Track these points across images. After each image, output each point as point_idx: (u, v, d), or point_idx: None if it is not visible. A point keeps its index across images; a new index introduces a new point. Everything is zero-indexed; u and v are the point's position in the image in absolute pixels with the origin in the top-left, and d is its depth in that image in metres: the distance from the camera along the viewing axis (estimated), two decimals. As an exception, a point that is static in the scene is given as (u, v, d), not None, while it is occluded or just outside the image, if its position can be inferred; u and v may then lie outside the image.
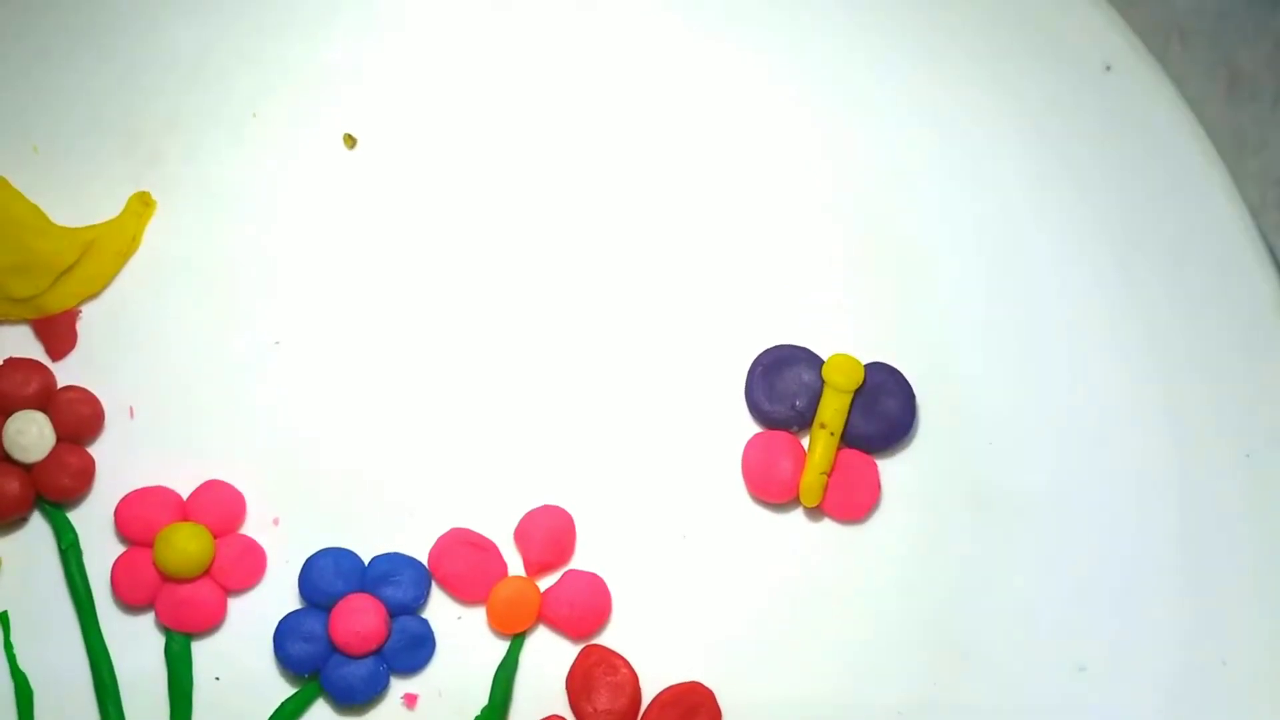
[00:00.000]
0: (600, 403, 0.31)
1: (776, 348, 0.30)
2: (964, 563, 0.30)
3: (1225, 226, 0.30)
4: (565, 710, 0.29)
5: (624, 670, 0.29)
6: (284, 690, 0.29)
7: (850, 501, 0.30)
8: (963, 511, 0.30)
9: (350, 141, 0.31)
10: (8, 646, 0.29)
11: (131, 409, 0.30)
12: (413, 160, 0.32)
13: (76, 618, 0.29)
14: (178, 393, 0.30)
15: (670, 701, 0.29)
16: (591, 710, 0.29)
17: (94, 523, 0.29)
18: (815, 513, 0.30)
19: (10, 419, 0.29)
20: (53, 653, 0.29)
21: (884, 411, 0.30)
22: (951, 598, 0.30)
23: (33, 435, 0.29)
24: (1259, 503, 0.29)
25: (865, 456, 0.30)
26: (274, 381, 0.30)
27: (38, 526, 0.30)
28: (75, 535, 0.29)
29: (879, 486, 0.30)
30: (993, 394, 0.31)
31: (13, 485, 0.29)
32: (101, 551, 0.29)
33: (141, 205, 0.30)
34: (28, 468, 0.29)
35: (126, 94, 0.31)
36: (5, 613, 0.29)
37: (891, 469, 0.30)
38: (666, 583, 0.30)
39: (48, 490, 0.29)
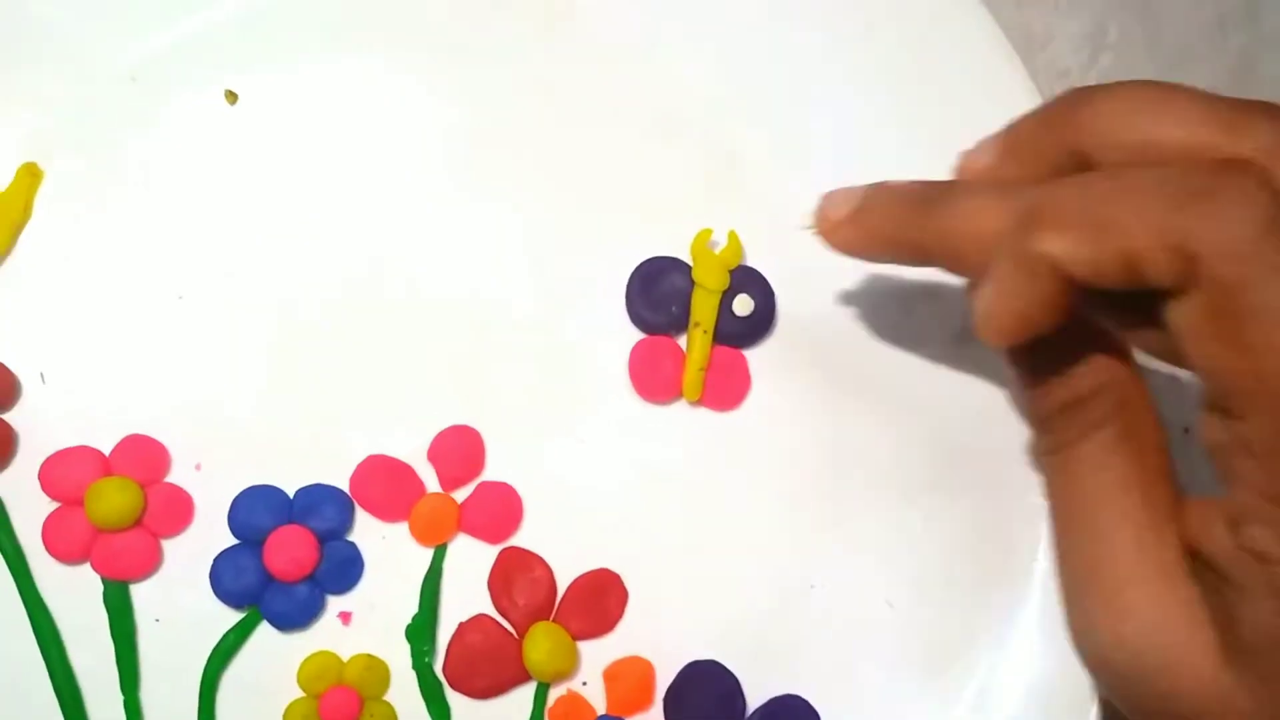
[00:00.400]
0: (497, 327, 0.32)
1: (650, 260, 0.32)
2: (829, 432, 0.32)
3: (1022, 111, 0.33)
4: (490, 609, 0.31)
5: (539, 567, 0.31)
6: (224, 624, 0.30)
7: (726, 393, 0.32)
8: (819, 391, 0.32)
9: (231, 97, 0.32)
10: (-57, 616, 0.29)
11: (42, 374, 0.30)
12: (296, 110, 0.32)
13: (12, 579, 0.29)
14: (87, 354, 0.30)
15: (582, 588, 0.31)
16: (513, 605, 0.31)
17: (20, 486, 0.29)
18: (696, 406, 0.32)
19: (-79, 396, 0.29)
20: (-9, 616, 0.29)
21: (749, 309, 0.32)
22: (820, 466, 0.32)
23: (-55, 410, 0.29)
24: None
25: (735, 351, 0.32)
26: (181, 334, 0.31)
27: (-35, 498, 0.30)
28: (0, 501, 0.29)
29: (749, 377, 0.32)
30: (841, 287, 0.33)
31: (-68, 460, 0.29)
32: (32, 513, 0.30)
33: (29, 175, 0.30)
34: (-55, 442, 0.29)
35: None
36: (-62, 584, 0.29)
37: (757, 360, 0.32)
38: (570, 483, 0.31)
39: (-33, 463, 0.29)
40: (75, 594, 0.30)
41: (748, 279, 0.32)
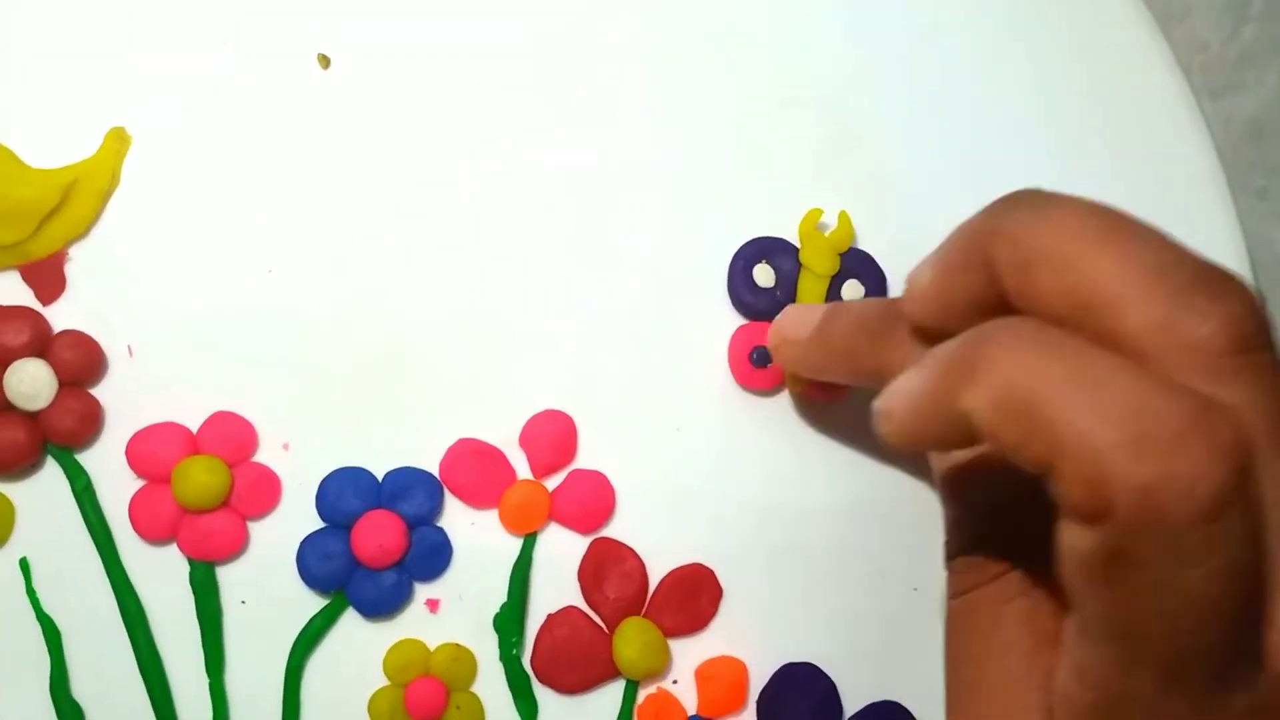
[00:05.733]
0: (591, 309, 0.31)
1: (754, 240, 0.31)
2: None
3: (1163, 87, 0.32)
4: (580, 601, 0.30)
5: (631, 559, 0.30)
6: (310, 608, 0.29)
7: (831, 384, 0.30)
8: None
9: (324, 62, 0.31)
10: (31, 592, 0.29)
11: (130, 347, 0.30)
12: (390, 75, 0.31)
13: (99, 558, 0.29)
14: (174, 328, 0.30)
15: (675, 583, 0.30)
16: (604, 599, 0.30)
17: (108, 462, 0.29)
18: (800, 397, 0.31)
19: (9, 369, 0.28)
20: (79, 593, 0.29)
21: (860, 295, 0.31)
22: (927, 463, 0.29)
23: (33, 383, 0.28)
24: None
25: (842, 339, 0.32)
26: (270, 309, 0.30)
27: (52, 471, 0.29)
28: (88, 478, 0.29)
29: (856, 366, 0.31)
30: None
31: (19, 434, 0.28)
32: (119, 490, 0.29)
33: (118, 141, 0.30)
34: (33, 415, 0.28)
35: (89, 30, 0.30)
36: (25, 559, 0.29)
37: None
38: (665, 474, 0.31)
39: (55, 436, 0.29)
40: (162, 574, 0.29)
41: (859, 264, 0.31)
